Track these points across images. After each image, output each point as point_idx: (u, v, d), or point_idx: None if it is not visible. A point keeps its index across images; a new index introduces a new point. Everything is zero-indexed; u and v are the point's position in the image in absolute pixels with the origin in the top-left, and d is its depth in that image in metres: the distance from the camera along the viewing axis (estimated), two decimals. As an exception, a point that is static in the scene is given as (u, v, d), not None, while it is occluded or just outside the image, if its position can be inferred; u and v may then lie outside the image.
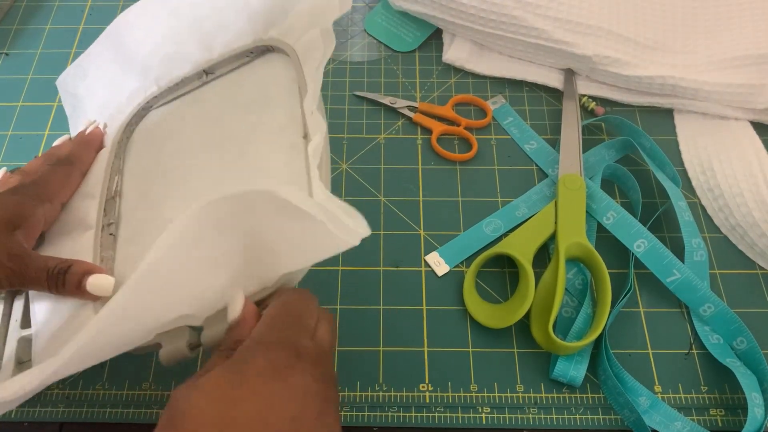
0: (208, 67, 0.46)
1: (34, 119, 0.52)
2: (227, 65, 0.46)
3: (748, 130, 0.48)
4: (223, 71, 0.46)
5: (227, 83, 0.46)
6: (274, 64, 0.44)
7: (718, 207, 0.45)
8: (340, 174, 0.47)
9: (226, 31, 0.45)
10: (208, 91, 0.46)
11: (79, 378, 0.39)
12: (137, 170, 0.44)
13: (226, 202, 0.24)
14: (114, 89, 0.47)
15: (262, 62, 0.45)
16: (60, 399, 0.38)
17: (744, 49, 0.48)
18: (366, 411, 0.38)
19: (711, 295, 0.39)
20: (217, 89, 0.46)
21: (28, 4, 0.59)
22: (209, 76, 0.46)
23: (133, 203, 0.43)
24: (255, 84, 0.44)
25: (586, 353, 0.38)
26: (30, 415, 0.38)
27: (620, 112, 0.50)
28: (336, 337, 0.28)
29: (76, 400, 0.38)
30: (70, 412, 0.38)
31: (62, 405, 0.38)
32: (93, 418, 0.38)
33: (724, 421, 0.37)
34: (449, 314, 0.41)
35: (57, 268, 0.36)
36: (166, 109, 0.47)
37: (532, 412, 0.38)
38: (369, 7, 0.57)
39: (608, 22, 0.49)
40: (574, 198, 0.43)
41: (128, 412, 0.38)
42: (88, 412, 0.38)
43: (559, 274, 0.39)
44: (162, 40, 0.46)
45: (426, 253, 0.43)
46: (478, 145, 0.48)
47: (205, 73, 0.46)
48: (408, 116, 0.50)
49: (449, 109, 0.50)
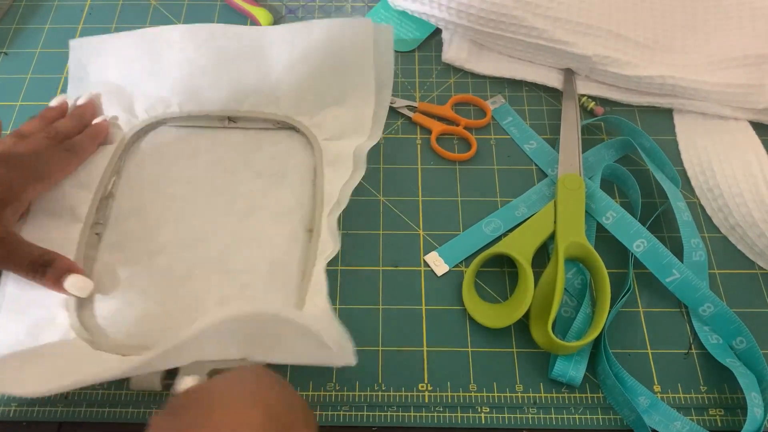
0: (233, 116, 0.47)
1: (34, 118, 0.52)
2: (251, 123, 0.47)
3: (748, 130, 0.48)
4: (245, 126, 0.47)
5: (246, 138, 0.47)
6: (295, 144, 0.46)
7: (718, 207, 0.45)
8: (339, 174, 0.47)
9: (260, 94, 0.47)
10: (225, 136, 0.47)
11: (78, 377, 0.39)
12: (136, 179, 0.45)
13: (245, 317, 0.29)
14: (130, 87, 0.48)
15: (284, 136, 0.47)
16: (59, 398, 0.38)
17: (744, 49, 0.48)
18: (365, 411, 0.38)
19: (710, 294, 0.39)
20: (236, 139, 0.47)
21: (27, 4, 0.59)
22: (231, 124, 0.47)
23: (125, 211, 0.43)
24: (273, 153, 0.46)
25: (586, 353, 0.38)
26: (29, 415, 0.38)
27: (620, 112, 0.50)
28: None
29: (75, 400, 0.38)
30: (69, 411, 0.38)
31: (61, 404, 0.38)
32: (92, 417, 0.38)
33: (723, 420, 0.37)
34: (448, 314, 0.41)
35: (41, 259, 0.36)
36: (180, 132, 0.47)
37: (532, 411, 0.38)
38: (369, 7, 0.57)
39: (608, 22, 0.49)
40: (574, 198, 0.43)
41: (127, 412, 0.38)
42: (87, 412, 0.38)
43: (559, 273, 0.39)
44: (200, 73, 0.47)
45: (425, 253, 0.43)
46: (477, 145, 0.48)
47: (229, 119, 0.47)
48: (407, 116, 0.50)
49: (449, 109, 0.50)
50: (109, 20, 0.57)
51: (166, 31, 0.47)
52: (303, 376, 0.39)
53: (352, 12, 0.57)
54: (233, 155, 0.46)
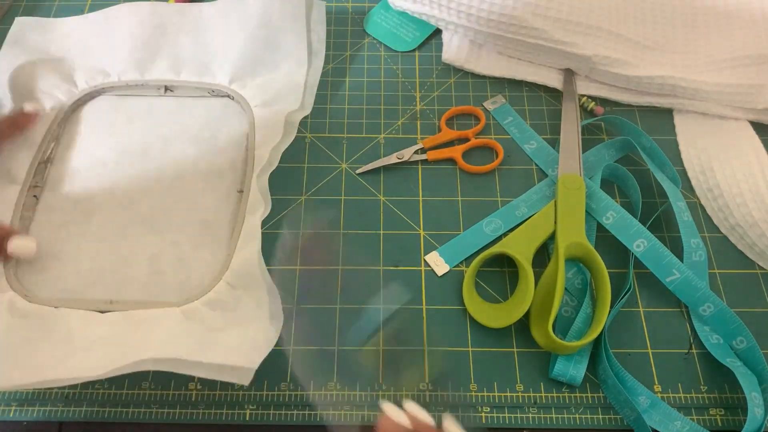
0: (170, 85, 0.50)
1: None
2: (187, 91, 0.50)
3: (748, 130, 0.48)
4: (181, 94, 0.50)
5: (181, 106, 0.50)
6: (229, 111, 0.50)
7: (718, 207, 0.45)
8: (339, 174, 0.47)
9: (197, 64, 0.50)
10: (162, 104, 0.50)
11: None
12: (73, 145, 0.48)
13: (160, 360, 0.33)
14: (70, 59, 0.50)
15: (219, 103, 0.50)
16: (59, 398, 0.38)
17: (744, 49, 0.48)
18: (366, 410, 0.38)
19: (711, 294, 0.39)
20: (171, 106, 0.50)
21: (27, 4, 0.58)
22: (167, 92, 0.50)
23: (62, 174, 0.46)
24: (207, 120, 0.49)
25: (586, 353, 0.38)
26: (29, 415, 0.38)
27: (620, 112, 0.50)
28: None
29: (75, 400, 0.38)
30: (69, 411, 0.38)
31: (61, 404, 0.38)
32: (92, 417, 0.38)
33: (723, 420, 0.37)
34: (449, 314, 0.41)
35: None
36: (118, 101, 0.50)
37: (532, 411, 0.38)
38: (368, 7, 0.57)
39: (608, 22, 0.49)
40: (574, 198, 0.43)
41: (127, 412, 0.38)
42: (88, 412, 0.38)
43: (559, 273, 0.39)
44: (141, 46, 0.50)
45: (426, 253, 0.43)
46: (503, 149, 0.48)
47: (166, 88, 0.50)
48: (422, 159, 0.48)
49: (448, 131, 0.49)
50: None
51: (112, 10, 0.50)
52: (304, 375, 0.39)
53: (352, 11, 0.57)
54: (168, 122, 0.49)
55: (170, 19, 0.50)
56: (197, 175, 0.46)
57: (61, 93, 0.49)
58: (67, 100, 0.49)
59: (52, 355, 0.36)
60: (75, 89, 0.50)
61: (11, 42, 0.50)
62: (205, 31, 0.50)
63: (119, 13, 0.50)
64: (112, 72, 0.50)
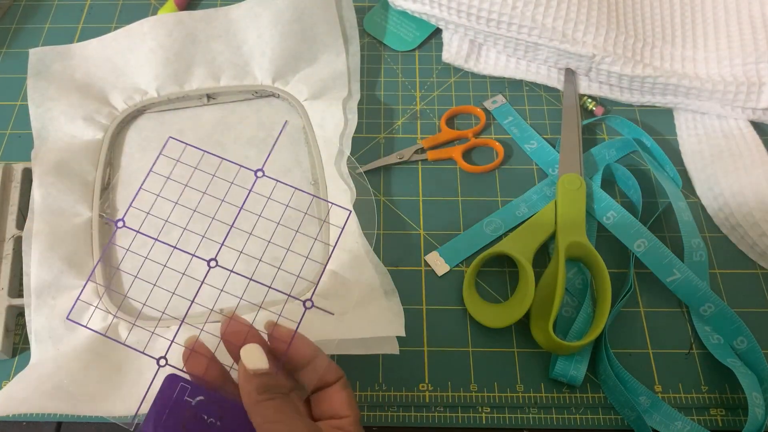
0: (212, 93, 0.49)
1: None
2: (230, 96, 0.50)
3: (748, 130, 0.48)
4: (224, 100, 0.50)
5: (228, 112, 0.50)
6: (278, 109, 0.49)
7: (718, 207, 0.45)
8: (339, 173, 0.47)
9: (235, 68, 0.50)
10: (207, 113, 0.49)
11: (77, 377, 0.39)
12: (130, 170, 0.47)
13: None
14: (101, 83, 0.49)
15: (265, 104, 0.50)
16: (58, 398, 0.38)
17: (744, 49, 0.48)
18: (366, 411, 0.38)
19: (711, 294, 0.39)
20: (218, 114, 0.49)
21: (27, 3, 0.58)
22: (210, 101, 0.50)
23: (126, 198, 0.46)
24: (258, 121, 0.49)
25: (586, 353, 0.38)
26: (29, 415, 0.38)
27: (620, 111, 0.50)
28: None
29: (74, 400, 0.38)
30: (68, 411, 0.38)
31: (61, 404, 0.38)
32: (92, 417, 0.38)
33: (724, 420, 0.37)
34: (449, 314, 0.41)
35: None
36: (162, 117, 0.49)
37: (532, 411, 0.38)
38: (369, 6, 0.57)
39: (608, 22, 0.49)
40: (574, 198, 0.43)
41: (127, 412, 0.38)
42: (87, 412, 0.38)
43: (559, 273, 0.39)
44: (174, 58, 0.49)
45: (426, 253, 0.43)
46: (504, 149, 0.48)
47: (208, 96, 0.49)
48: (422, 159, 0.48)
49: (448, 130, 0.49)
50: (109, 20, 0.57)
51: (135, 27, 0.49)
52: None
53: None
54: (219, 130, 0.48)
55: (198, 26, 0.49)
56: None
57: (102, 117, 0.48)
58: (109, 123, 0.48)
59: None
60: (116, 111, 0.48)
61: (34, 74, 0.48)
62: (236, 34, 0.49)
63: (142, 28, 0.49)
64: (149, 88, 0.49)
